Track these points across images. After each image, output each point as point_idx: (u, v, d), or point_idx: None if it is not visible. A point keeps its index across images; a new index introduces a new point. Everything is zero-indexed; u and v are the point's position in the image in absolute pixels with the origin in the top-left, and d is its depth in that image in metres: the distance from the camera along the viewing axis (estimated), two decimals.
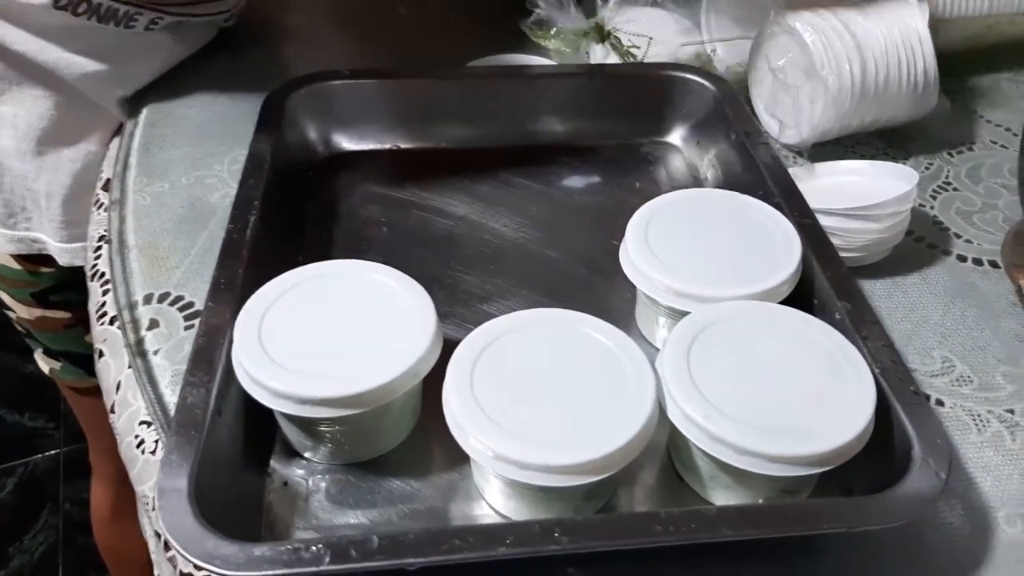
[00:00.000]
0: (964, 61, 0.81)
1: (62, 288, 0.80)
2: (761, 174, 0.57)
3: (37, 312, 0.81)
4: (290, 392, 0.40)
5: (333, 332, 0.43)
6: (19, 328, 0.85)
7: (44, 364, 0.88)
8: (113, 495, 1.02)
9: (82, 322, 0.83)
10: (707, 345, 0.43)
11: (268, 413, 0.43)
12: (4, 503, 1.50)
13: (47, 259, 0.76)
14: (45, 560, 1.42)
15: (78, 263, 0.75)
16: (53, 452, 1.58)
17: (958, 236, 0.61)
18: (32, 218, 0.73)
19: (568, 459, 0.37)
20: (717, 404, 0.40)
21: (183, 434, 0.39)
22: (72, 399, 0.94)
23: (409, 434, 0.46)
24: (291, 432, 0.44)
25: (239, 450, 0.43)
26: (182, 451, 0.38)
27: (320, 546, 0.35)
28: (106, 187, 0.65)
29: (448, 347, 0.43)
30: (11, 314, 0.83)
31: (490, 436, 0.38)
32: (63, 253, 0.75)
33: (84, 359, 0.86)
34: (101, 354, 0.53)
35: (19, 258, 0.76)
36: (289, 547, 0.35)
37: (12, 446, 1.57)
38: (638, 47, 0.68)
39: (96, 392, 0.88)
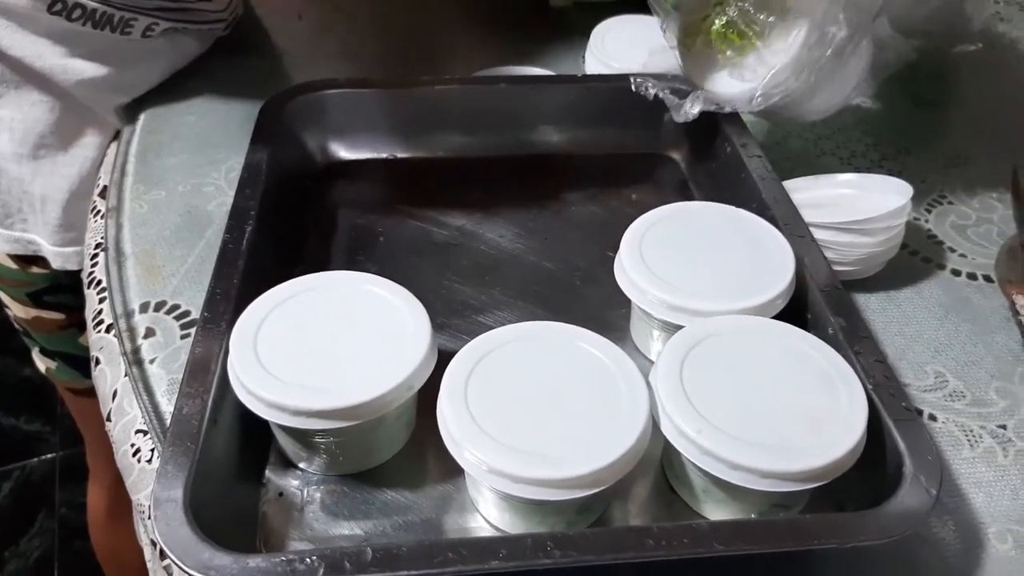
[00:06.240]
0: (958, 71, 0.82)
1: (56, 290, 0.80)
2: (756, 187, 0.57)
3: (33, 312, 0.82)
4: (285, 403, 0.40)
5: (328, 344, 0.43)
6: (17, 326, 0.85)
7: (41, 363, 0.88)
8: (110, 497, 1.03)
9: (76, 324, 0.83)
10: (701, 359, 0.43)
11: (263, 424, 0.43)
12: (0, 507, 1.50)
13: (40, 260, 0.77)
14: (41, 564, 1.42)
15: (71, 267, 0.75)
16: (49, 456, 1.58)
17: (953, 250, 0.61)
18: (28, 220, 0.74)
19: (562, 473, 0.37)
20: (710, 418, 0.40)
21: (179, 445, 0.39)
22: (69, 399, 0.94)
23: (404, 446, 0.46)
24: (286, 443, 0.45)
25: (234, 461, 0.43)
26: (177, 462, 0.38)
27: (315, 558, 0.35)
28: (103, 194, 0.65)
29: (443, 358, 0.43)
30: (9, 312, 0.83)
31: (484, 449, 0.38)
32: (56, 256, 0.75)
33: (79, 360, 0.86)
34: (97, 362, 0.53)
35: (14, 258, 0.77)
36: (284, 559, 0.35)
37: (8, 449, 1.57)
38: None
39: (92, 393, 0.88)
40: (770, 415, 0.40)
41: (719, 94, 0.61)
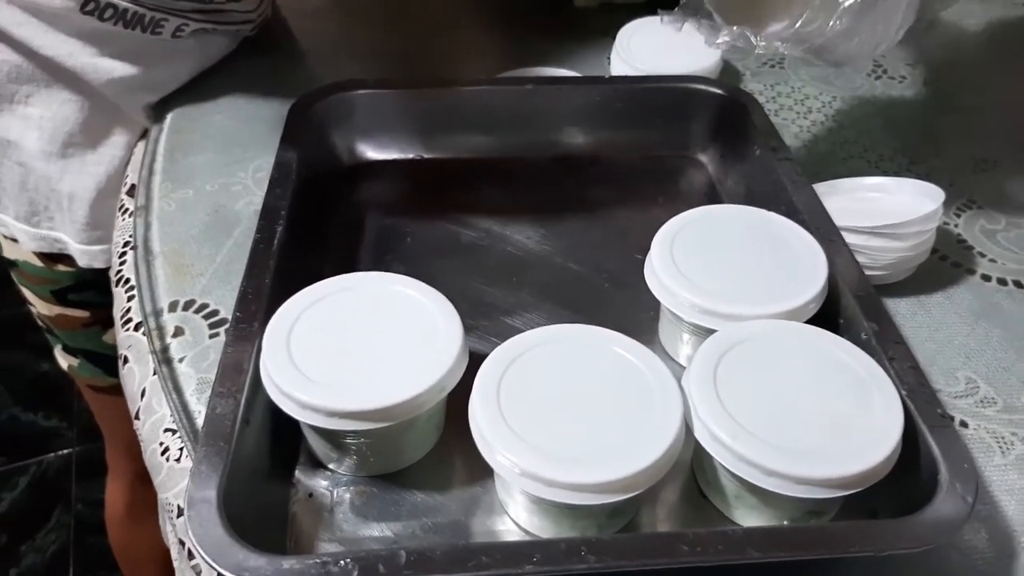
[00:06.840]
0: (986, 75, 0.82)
1: (81, 288, 0.80)
2: (786, 190, 0.56)
3: (56, 309, 0.82)
4: (317, 404, 0.40)
5: (360, 345, 0.43)
6: (40, 323, 0.86)
7: (63, 360, 0.88)
8: (129, 494, 1.03)
9: (100, 322, 0.83)
10: (734, 364, 0.43)
11: (293, 424, 0.43)
12: (17, 502, 1.51)
13: (65, 258, 0.77)
14: (57, 559, 1.43)
15: (97, 265, 0.76)
16: (66, 451, 1.58)
17: (983, 255, 0.60)
18: (55, 218, 0.74)
19: (595, 477, 0.37)
20: (744, 424, 0.39)
21: (212, 444, 0.39)
22: (90, 397, 0.95)
23: (433, 447, 0.46)
24: (317, 444, 0.45)
25: (265, 461, 0.43)
26: (211, 462, 0.38)
27: (349, 560, 0.35)
28: (131, 192, 0.65)
29: (471, 360, 0.44)
30: (33, 309, 0.84)
31: (517, 452, 0.38)
32: (83, 255, 0.75)
33: (102, 358, 0.86)
34: (126, 360, 0.53)
35: (40, 255, 0.77)
36: (318, 560, 0.35)
37: (25, 445, 1.58)
38: None
39: (114, 391, 0.89)
40: (805, 421, 0.40)
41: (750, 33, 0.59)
